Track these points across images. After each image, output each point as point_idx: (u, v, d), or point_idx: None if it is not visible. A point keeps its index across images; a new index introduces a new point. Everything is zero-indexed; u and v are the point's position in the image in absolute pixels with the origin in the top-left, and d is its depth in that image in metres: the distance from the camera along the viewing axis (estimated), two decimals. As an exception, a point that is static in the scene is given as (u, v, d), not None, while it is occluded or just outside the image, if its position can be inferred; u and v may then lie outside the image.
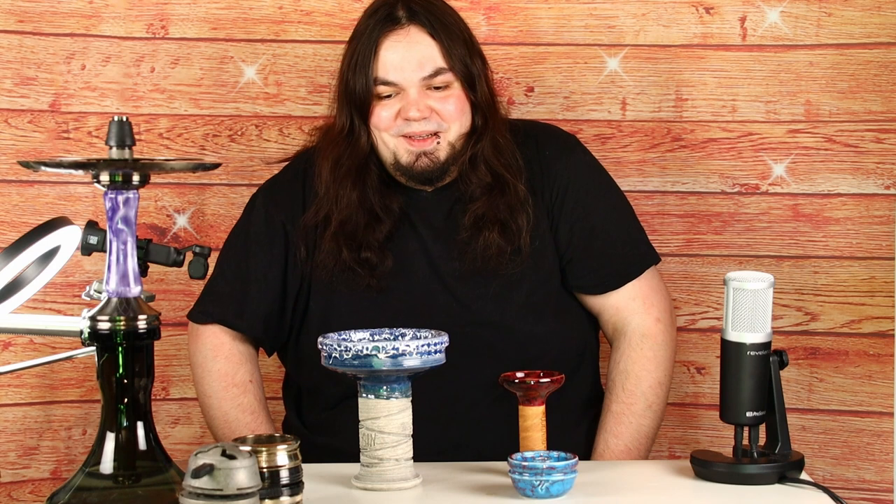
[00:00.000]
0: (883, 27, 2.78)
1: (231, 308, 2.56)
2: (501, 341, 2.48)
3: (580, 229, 2.54)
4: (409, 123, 2.47)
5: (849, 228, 2.81)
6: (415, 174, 2.50)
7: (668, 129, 2.85)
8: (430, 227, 2.53)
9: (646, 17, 2.84)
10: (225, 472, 1.78)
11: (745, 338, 2.17)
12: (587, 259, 2.54)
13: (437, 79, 2.47)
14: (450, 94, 2.49)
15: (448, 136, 2.49)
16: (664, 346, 2.55)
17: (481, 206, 2.49)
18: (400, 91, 2.47)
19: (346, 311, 2.48)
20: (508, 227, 2.49)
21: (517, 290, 2.50)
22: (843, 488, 2.79)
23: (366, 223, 2.49)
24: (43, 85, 2.83)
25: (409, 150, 2.48)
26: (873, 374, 2.80)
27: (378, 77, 2.47)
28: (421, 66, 2.47)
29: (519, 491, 2.08)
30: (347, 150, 2.51)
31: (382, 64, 2.47)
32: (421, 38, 2.48)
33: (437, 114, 2.47)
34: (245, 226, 2.61)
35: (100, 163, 1.91)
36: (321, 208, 2.52)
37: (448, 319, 2.42)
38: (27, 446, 2.84)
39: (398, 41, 2.47)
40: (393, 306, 2.48)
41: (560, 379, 2.21)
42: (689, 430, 2.88)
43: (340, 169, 2.51)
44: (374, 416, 2.15)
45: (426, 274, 2.51)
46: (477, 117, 2.51)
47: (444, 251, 2.52)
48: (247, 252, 2.58)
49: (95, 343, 1.93)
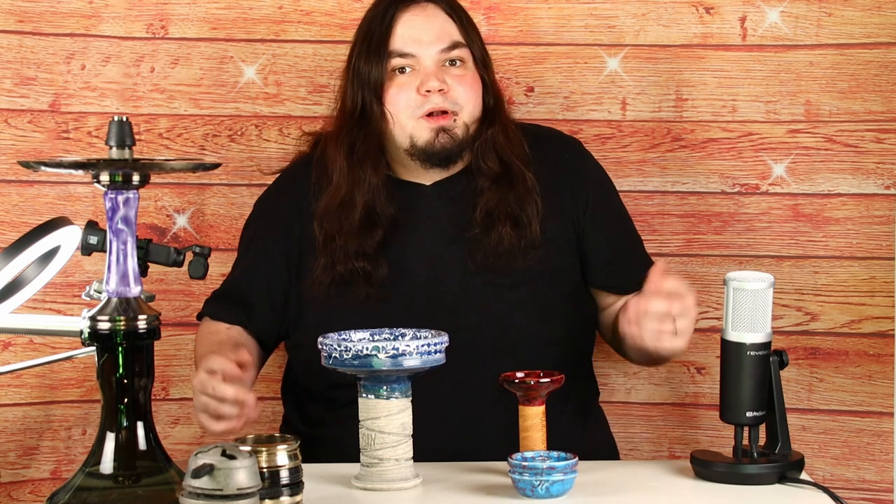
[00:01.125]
0: (883, 27, 2.78)
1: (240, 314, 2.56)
2: (504, 340, 2.48)
3: (611, 236, 2.57)
4: (429, 99, 2.46)
5: (849, 228, 2.81)
6: (433, 153, 2.47)
7: (668, 129, 2.85)
8: (432, 225, 2.52)
9: (646, 17, 2.84)
10: (225, 472, 1.78)
11: (745, 338, 2.18)
12: (619, 261, 2.56)
13: (455, 52, 2.47)
14: (465, 72, 2.49)
15: (463, 116, 2.48)
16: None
17: (491, 199, 2.48)
18: (416, 66, 2.47)
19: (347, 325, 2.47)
20: (520, 220, 2.48)
21: (523, 290, 2.50)
22: (843, 488, 2.79)
23: (360, 226, 2.48)
24: (43, 85, 2.83)
25: (429, 128, 2.46)
26: (873, 374, 2.80)
27: (394, 50, 2.47)
28: (439, 38, 2.47)
29: (519, 491, 2.09)
30: (361, 134, 2.50)
31: (400, 37, 2.47)
32: (437, 13, 2.50)
33: (452, 92, 2.47)
34: (249, 233, 2.62)
35: (100, 163, 1.91)
36: (339, 192, 2.49)
37: (451, 320, 2.41)
38: (27, 446, 2.84)
39: (416, 15, 2.49)
40: (395, 312, 2.44)
41: (560, 379, 2.21)
42: (689, 430, 2.88)
43: (357, 153, 2.49)
44: (374, 416, 2.15)
45: (428, 276, 2.50)
46: (489, 98, 2.52)
47: (450, 249, 2.50)
48: (254, 258, 2.58)
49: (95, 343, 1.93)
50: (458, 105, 2.48)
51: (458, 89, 2.47)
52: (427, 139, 2.47)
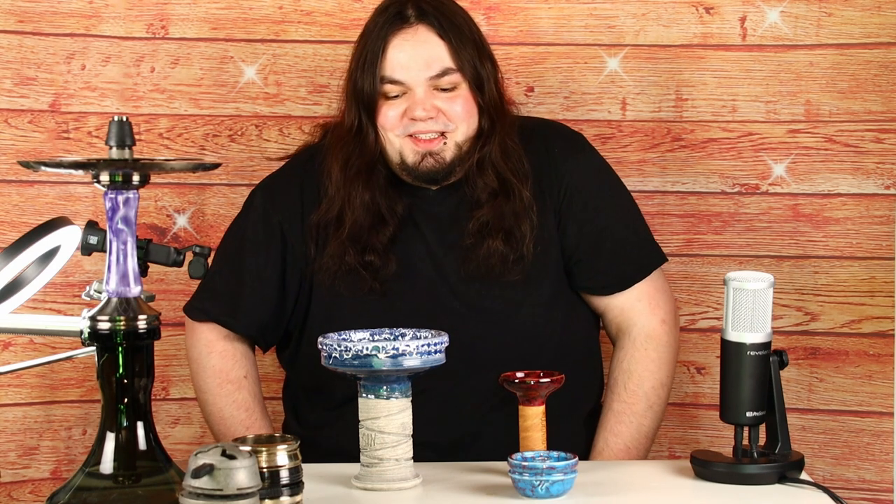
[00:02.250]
0: (883, 27, 2.78)
1: (225, 307, 2.56)
2: (504, 343, 2.48)
3: (589, 231, 2.54)
4: (415, 123, 2.46)
5: (849, 228, 2.81)
6: (420, 174, 2.49)
7: (668, 129, 2.85)
8: (435, 228, 2.53)
9: (646, 17, 2.84)
10: (225, 472, 1.78)
11: (745, 338, 2.17)
12: (595, 260, 2.54)
13: (445, 79, 2.47)
14: (457, 95, 2.48)
15: (455, 136, 2.48)
16: (668, 348, 2.56)
17: (487, 213, 2.48)
18: (407, 90, 2.47)
19: (348, 314, 2.48)
20: (513, 235, 2.48)
21: (523, 293, 2.50)
22: (843, 488, 2.79)
23: (370, 225, 2.49)
24: (43, 85, 2.83)
25: (415, 151, 2.47)
26: (873, 374, 2.80)
27: (385, 76, 2.46)
28: (428, 66, 2.46)
29: (519, 491, 2.08)
30: (357, 150, 2.50)
31: (390, 63, 2.46)
32: (429, 37, 2.47)
33: (443, 114, 2.46)
34: (242, 224, 2.60)
35: (100, 163, 1.91)
36: (332, 206, 2.51)
37: (452, 321, 2.42)
38: (27, 446, 2.84)
39: (406, 40, 2.47)
40: (396, 309, 2.47)
41: (560, 379, 2.21)
42: (689, 430, 2.88)
43: (350, 169, 2.50)
44: (374, 416, 2.15)
45: (430, 276, 2.50)
46: (484, 120, 2.50)
47: (448, 253, 2.51)
48: (242, 251, 2.57)
49: (95, 343, 1.93)
50: (452, 125, 2.47)
51: (450, 110, 2.47)
52: (413, 161, 2.48)
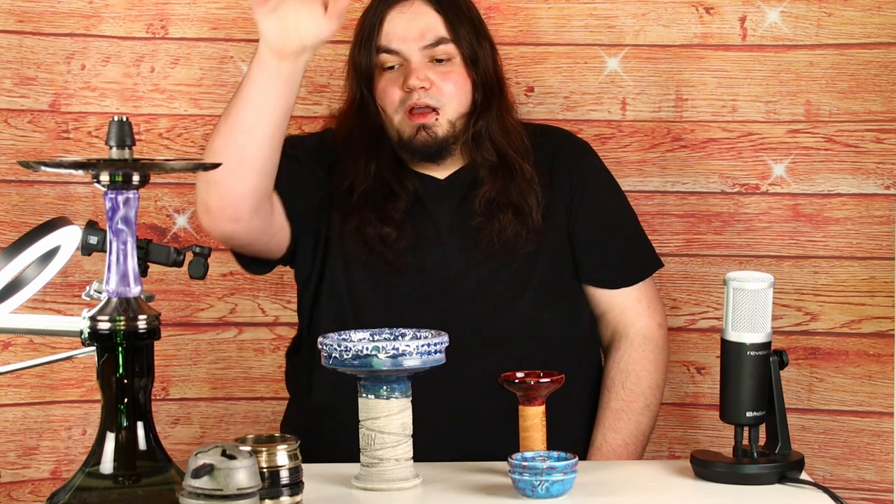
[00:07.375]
0: (883, 27, 2.78)
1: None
2: (513, 329, 2.49)
3: (599, 225, 2.57)
4: (411, 95, 2.47)
5: (849, 228, 2.81)
6: (415, 148, 2.50)
7: (668, 129, 2.85)
8: (445, 215, 2.54)
9: (646, 17, 2.84)
10: (225, 472, 1.78)
11: (745, 338, 2.17)
12: (606, 253, 2.57)
13: (439, 48, 2.49)
14: (451, 68, 2.50)
15: (446, 113, 2.49)
16: (664, 352, 2.60)
17: (491, 189, 2.50)
18: (403, 62, 2.49)
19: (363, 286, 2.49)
20: (521, 208, 2.50)
21: (531, 278, 2.51)
22: (843, 488, 2.79)
23: (384, 195, 2.50)
24: (43, 85, 2.83)
25: (411, 125, 2.49)
26: (873, 374, 2.80)
27: (381, 45, 2.50)
28: (423, 36, 2.49)
29: (519, 491, 2.08)
30: (358, 122, 2.53)
31: (386, 33, 2.50)
32: (426, 10, 2.51)
33: (436, 88, 2.48)
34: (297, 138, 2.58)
35: (100, 163, 1.91)
36: (346, 177, 2.52)
37: (460, 307, 2.44)
38: (27, 446, 2.84)
39: (402, 12, 2.50)
40: (408, 288, 2.49)
41: (560, 379, 2.21)
42: (689, 430, 2.88)
43: (353, 141, 2.53)
44: (374, 416, 2.15)
45: (439, 261, 2.51)
46: (478, 94, 2.52)
47: (458, 239, 2.52)
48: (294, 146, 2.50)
49: (95, 343, 1.93)
50: (442, 101, 2.49)
51: (441, 86, 2.49)
52: (409, 135, 2.50)
